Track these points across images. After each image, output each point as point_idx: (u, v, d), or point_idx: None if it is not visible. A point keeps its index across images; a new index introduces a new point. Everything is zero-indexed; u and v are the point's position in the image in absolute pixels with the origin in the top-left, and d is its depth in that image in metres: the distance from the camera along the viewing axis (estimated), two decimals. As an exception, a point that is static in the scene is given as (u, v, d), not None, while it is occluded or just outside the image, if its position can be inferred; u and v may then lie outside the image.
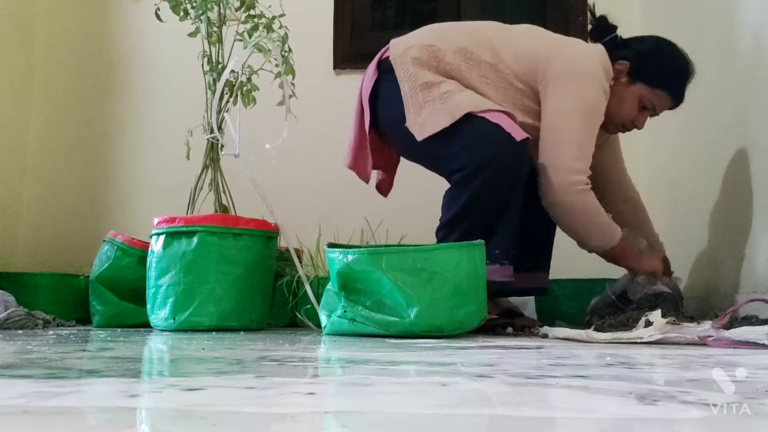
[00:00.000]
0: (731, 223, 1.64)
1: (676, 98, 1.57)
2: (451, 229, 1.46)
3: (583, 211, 1.47)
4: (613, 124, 1.59)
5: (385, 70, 1.57)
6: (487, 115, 1.45)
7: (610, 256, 1.55)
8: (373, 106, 1.59)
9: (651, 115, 1.61)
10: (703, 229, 1.80)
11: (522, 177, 1.46)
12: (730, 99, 1.66)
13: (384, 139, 1.64)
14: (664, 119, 1.71)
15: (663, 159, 2.18)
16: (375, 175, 1.75)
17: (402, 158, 1.70)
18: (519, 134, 1.43)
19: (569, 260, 2.10)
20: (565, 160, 1.47)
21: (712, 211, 1.76)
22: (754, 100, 1.53)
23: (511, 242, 1.46)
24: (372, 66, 1.61)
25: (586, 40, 1.66)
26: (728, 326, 1.07)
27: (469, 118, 1.44)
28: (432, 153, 1.52)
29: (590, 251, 1.56)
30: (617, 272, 2.05)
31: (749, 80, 1.56)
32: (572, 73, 1.49)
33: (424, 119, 1.47)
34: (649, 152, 2.26)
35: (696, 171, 1.89)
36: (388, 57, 1.57)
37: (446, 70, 1.51)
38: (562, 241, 1.83)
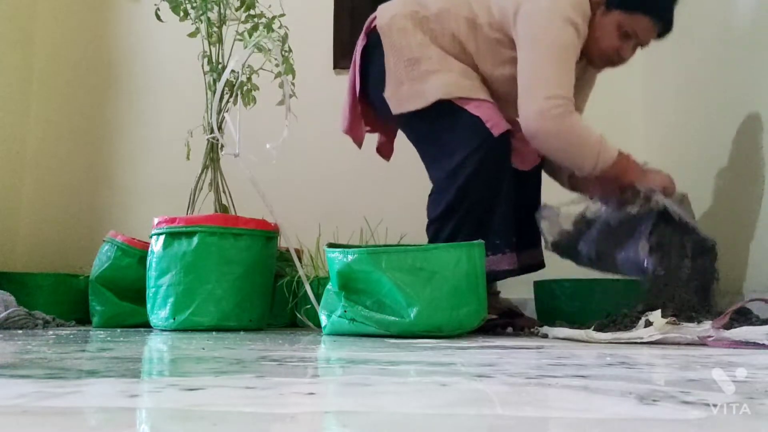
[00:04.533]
0: (732, 217, 1.63)
1: (658, 22, 1.50)
2: (442, 222, 1.48)
3: (570, 133, 1.43)
4: (598, 58, 1.56)
5: (374, 42, 1.61)
6: (468, 106, 1.47)
7: (611, 175, 1.47)
8: (364, 76, 1.64)
9: (638, 45, 1.55)
10: (703, 221, 1.78)
11: (504, 169, 1.49)
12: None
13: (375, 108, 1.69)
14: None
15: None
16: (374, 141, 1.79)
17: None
18: (498, 127, 1.46)
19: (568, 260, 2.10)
20: (541, 90, 1.43)
21: (713, 202, 1.74)
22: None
23: (510, 230, 1.48)
24: (361, 37, 1.65)
25: None
26: (728, 326, 1.07)
27: (450, 107, 1.48)
28: (410, 129, 1.60)
29: (591, 177, 1.49)
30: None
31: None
32: (541, 14, 1.47)
33: (401, 96, 1.53)
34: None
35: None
36: (376, 27, 1.61)
37: (432, 36, 1.54)
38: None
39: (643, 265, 1.38)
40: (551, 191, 1.72)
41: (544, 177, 1.75)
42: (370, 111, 1.70)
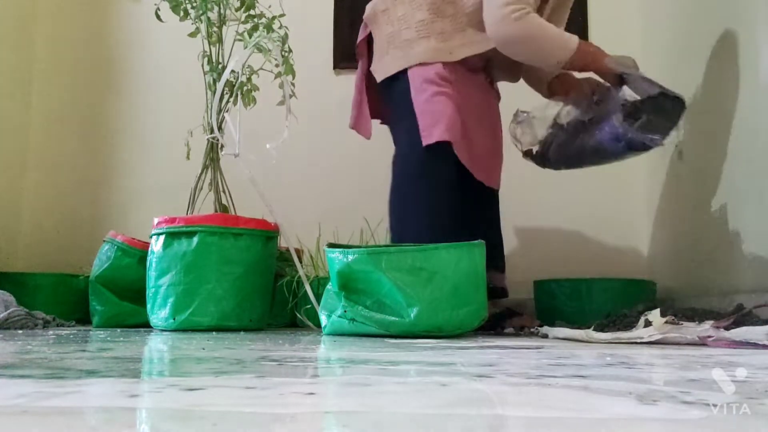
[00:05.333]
0: (727, 216, 1.62)
1: None
2: (395, 219, 1.59)
3: (531, 34, 1.49)
4: None
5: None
6: (431, 102, 1.53)
7: (579, 64, 1.52)
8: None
9: None
10: (703, 213, 1.78)
11: (429, 178, 1.52)
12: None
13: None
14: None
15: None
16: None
17: None
18: (429, 137, 1.50)
19: (568, 260, 2.10)
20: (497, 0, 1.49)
21: (707, 194, 1.72)
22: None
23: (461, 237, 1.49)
24: (361, 30, 1.72)
25: (585, 37, 1.66)
26: (728, 326, 1.07)
27: (409, 108, 1.54)
28: (388, 102, 1.68)
29: (560, 68, 1.55)
30: (615, 272, 2.05)
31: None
32: None
33: (384, 63, 1.62)
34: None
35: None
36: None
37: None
38: (561, 242, 1.83)
39: (619, 132, 1.45)
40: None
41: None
42: (380, 101, 1.74)
